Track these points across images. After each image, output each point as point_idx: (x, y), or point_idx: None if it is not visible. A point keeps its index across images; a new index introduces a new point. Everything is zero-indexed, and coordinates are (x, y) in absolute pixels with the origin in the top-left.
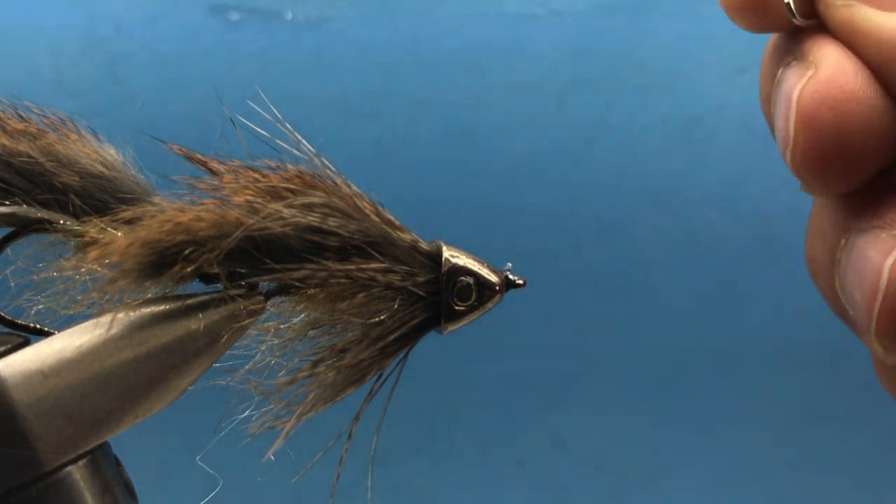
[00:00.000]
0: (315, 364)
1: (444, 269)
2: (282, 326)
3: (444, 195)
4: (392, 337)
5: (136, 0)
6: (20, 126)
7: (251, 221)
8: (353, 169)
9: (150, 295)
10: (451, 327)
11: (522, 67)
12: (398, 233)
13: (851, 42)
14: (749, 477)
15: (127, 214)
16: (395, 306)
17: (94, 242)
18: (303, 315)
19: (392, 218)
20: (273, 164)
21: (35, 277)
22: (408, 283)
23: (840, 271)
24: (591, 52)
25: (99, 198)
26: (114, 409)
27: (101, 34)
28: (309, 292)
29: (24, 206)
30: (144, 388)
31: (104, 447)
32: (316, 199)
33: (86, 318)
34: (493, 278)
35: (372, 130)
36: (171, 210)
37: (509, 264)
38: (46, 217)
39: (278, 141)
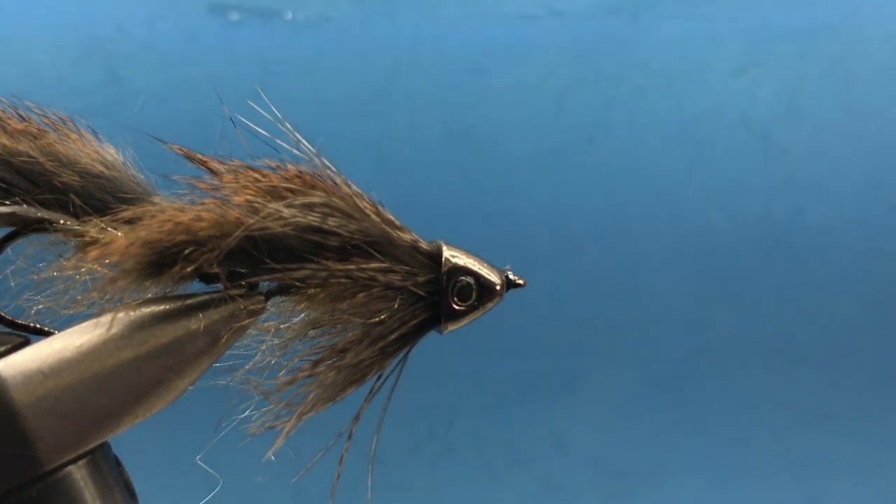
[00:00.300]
0: (315, 364)
1: (445, 268)
2: (282, 326)
3: (444, 195)
4: (392, 337)
5: (136, 0)
6: (20, 126)
7: (251, 221)
8: (353, 169)
9: (150, 295)
10: (452, 327)
11: (522, 67)
12: (398, 233)
13: None
14: (749, 477)
15: (127, 214)
16: (396, 306)
17: (94, 242)
18: (303, 315)
19: (392, 218)
20: (273, 164)
21: (35, 277)
22: (408, 282)
23: None
24: (591, 52)
25: (99, 197)
26: (114, 409)
27: (101, 34)
28: (309, 292)
29: (25, 205)
30: (144, 388)
31: (104, 447)
32: (316, 199)
33: (86, 317)
34: (494, 278)
35: (372, 130)
36: (172, 210)
37: (508, 266)
38: (46, 217)
39: (278, 141)
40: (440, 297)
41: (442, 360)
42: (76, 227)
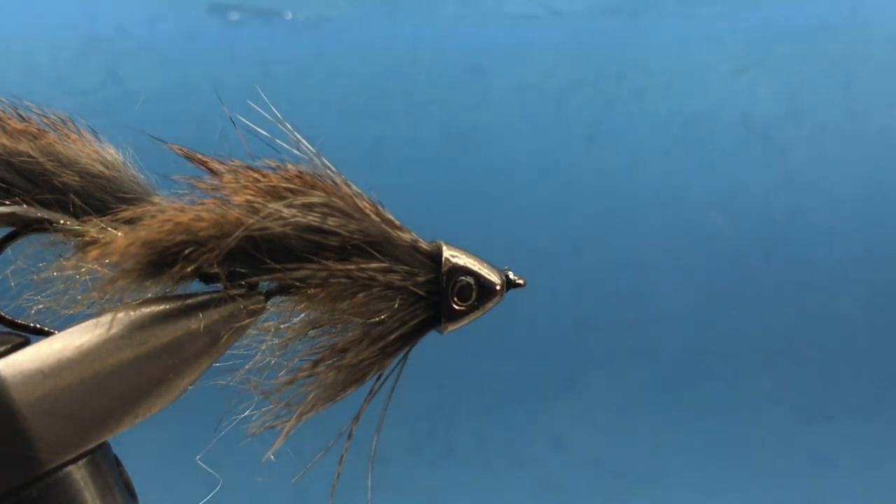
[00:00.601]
0: (315, 364)
1: (445, 268)
2: (282, 326)
3: (444, 195)
4: (392, 337)
5: (136, 0)
6: (20, 126)
7: (251, 221)
8: (353, 169)
9: (150, 295)
10: (452, 327)
11: (522, 67)
12: (398, 232)
13: None
14: (749, 477)
15: (127, 214)
16: (396, 306)
17: (94, 242)
18: (303, 315)
19: (392, 217)
20: (273, 164)
21: (35, 277)
22: (408, 282)
23: None
24: (591, 52)
25: (99, 197)
26: (114, 409)
27: (101, 34)
28: (309, 292)
29: (24, 205)
30: (144, 388)
31: (104, 447)
32: (316, 199)
33: (86, 317)
34: (494, 278)
35: (372, 130)
36: (172, 210)
37: (508, 266)
38: (46, 217)
39: (278, 141)
40: (440, 297)
41: (442, 360)
42: (76, 227)
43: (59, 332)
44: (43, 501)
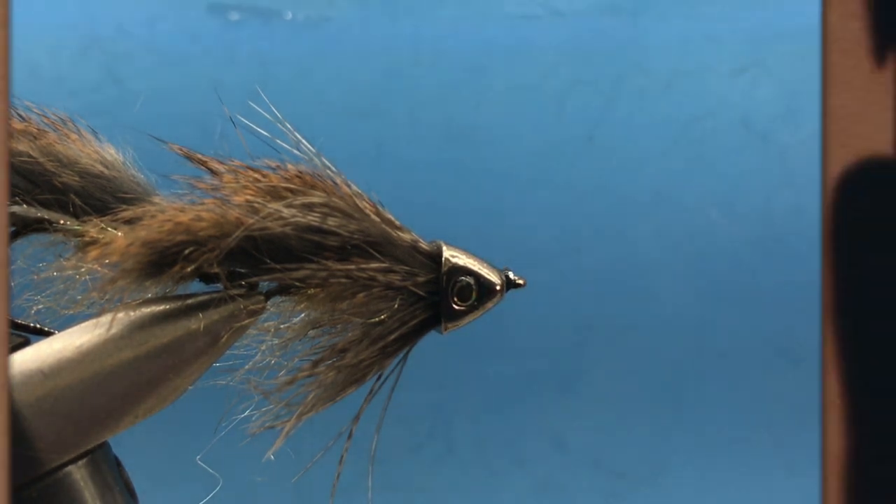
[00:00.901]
0: (315, 364)
1: (445, 268)
2: (282, 326)
3: (444, 195)
4: (392, 337)
5: (136, 0)
6: (20, 126)
7: (251, 221)
8: (353, 169)
9: (150, 295)
10: (452, 327)
11: (522, 67)
12: (398, 232)
13: None
14: (749, 477)
15: (127, 214)
16: (396, 306)
17: (94, 242)
18: (303, 315)
19: (392, 218)
20: (273, 164)
21: (35, 277)
22: (408, 282)
23: None
24: (591, 52)
25: (99, 197)
26: (114, 409)
27: (101, 34)
28: (309, 292)
29: (24, 206)
30: (144, 388)
31: (104, 447)
32: (316, 199)
33: (86, 317)
34: (494, 278)
35: (372, 130)
36: (172, 210)
37: (508, 266)
38: (46, 217)
39: (278, 141)
40: (440, 297)
41: (442, 360)
42: (76, 227)
43: (59, 332)
44: (43, 501)
